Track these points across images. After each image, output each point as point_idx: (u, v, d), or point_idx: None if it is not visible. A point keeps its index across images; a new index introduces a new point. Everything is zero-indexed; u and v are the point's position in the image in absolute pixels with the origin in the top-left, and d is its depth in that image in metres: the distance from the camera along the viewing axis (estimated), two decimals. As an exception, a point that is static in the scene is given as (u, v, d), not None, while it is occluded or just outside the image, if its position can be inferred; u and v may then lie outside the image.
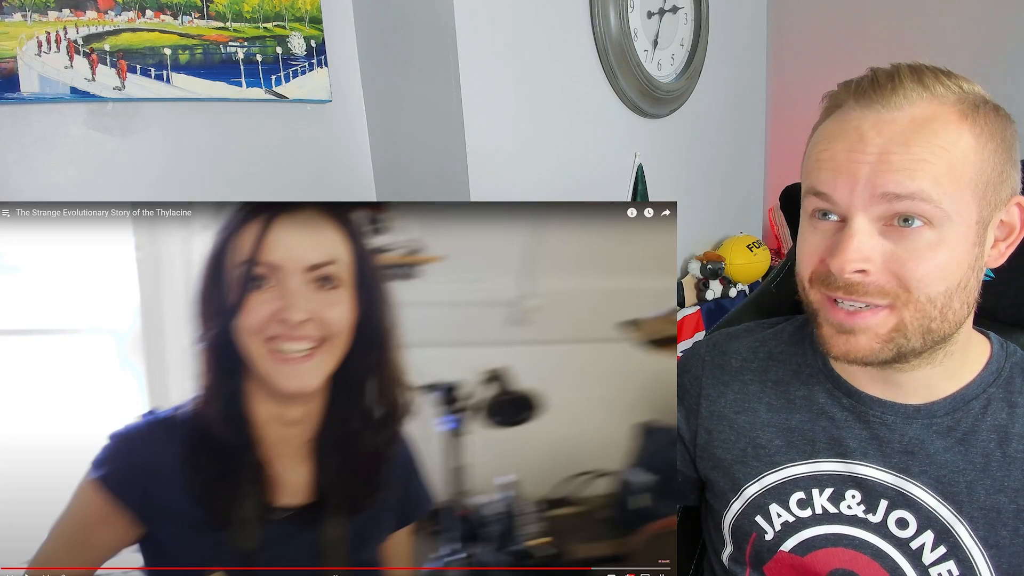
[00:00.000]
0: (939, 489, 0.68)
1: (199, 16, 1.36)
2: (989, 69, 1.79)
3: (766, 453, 0.76)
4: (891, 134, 0.60)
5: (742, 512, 0.76)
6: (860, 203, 0.61)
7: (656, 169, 1.91)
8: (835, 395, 0.74)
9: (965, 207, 0.61)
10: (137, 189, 1.35)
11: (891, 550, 0.69)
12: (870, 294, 0.63)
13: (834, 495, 0.72)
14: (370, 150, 1.70)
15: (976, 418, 0.69)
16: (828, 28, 2.12)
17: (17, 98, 1.19)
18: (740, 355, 0.81)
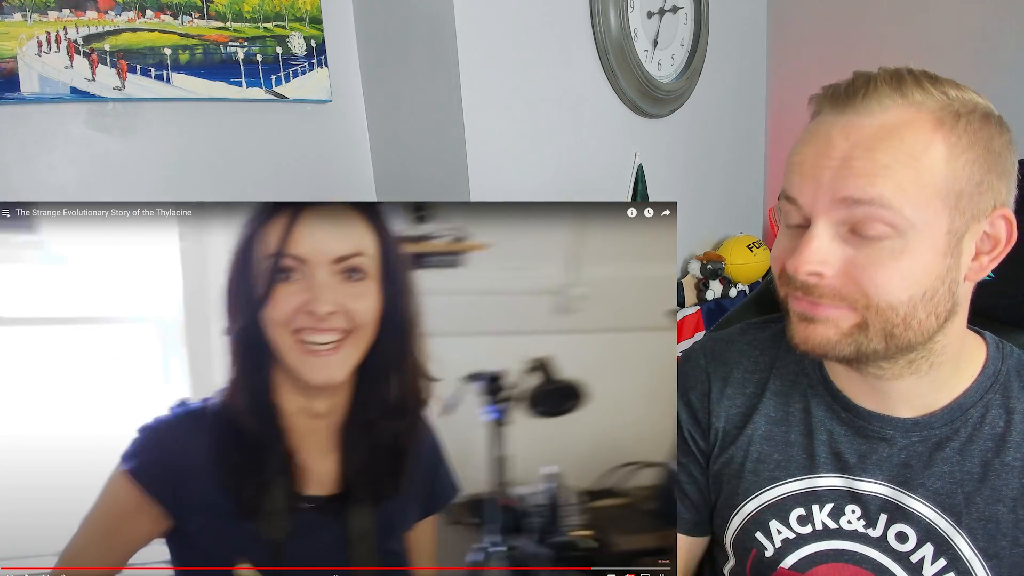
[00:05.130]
0: (937, 501, 0.68)
1: (199, 16, 1.36)
2: (988, 69, 1.79)
3: (765, 468, 0.75)
4: (857, 139, 0.60)
5: (742, 528, 0.76)
6: (822, 208, 0.62)
7: (656, 169, 1.91)
8: (833, 408, 0.73)
9: (933, 216, 0.60)
10: (137, 189, 1.35)
11: (892, 564, 0.69)
12: (825, 296, 0.63)
13: (834, 510, 0.71)
14: (370, 150, 1.69)
15: (974, 427, 0.68)
16: (828, 28, 2.12)
17: (17, 98, 1.19)
18: (742, 366, 0.80)
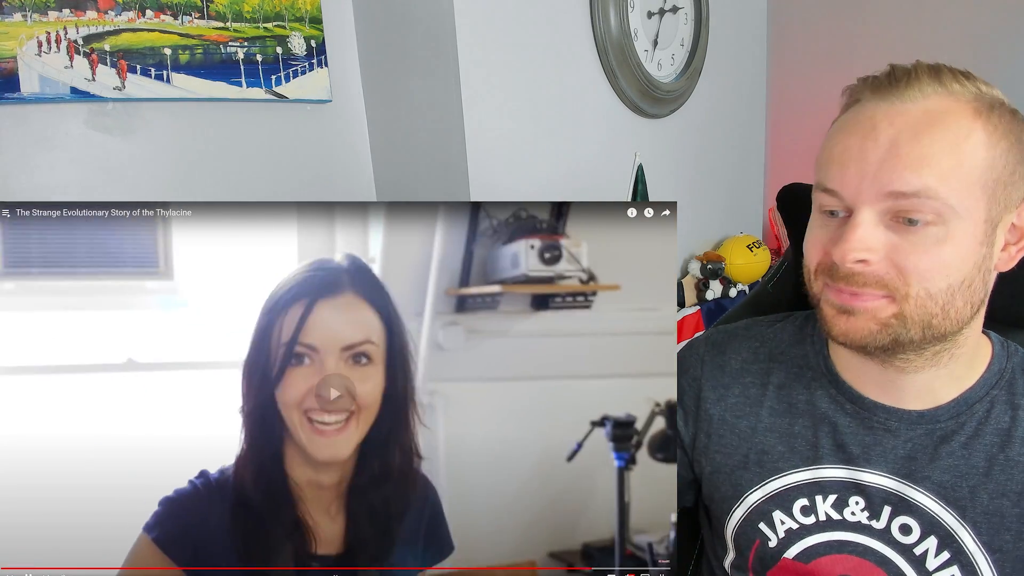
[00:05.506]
0: (942, 494, 0.68)
1: (199, 16, 1.36)
2: (989, 69, 1.79)
3: (769, 459, 0.75)
4: (903, 124, 0.61)
5: (745, 519, 0.76)
6: (867, 198, 0.62)
7: (656, 169, 1.91)
8: (838, 400, 0.73)
9: (973, 203, 0.61)
10: (137, 189, 1.34)
11: (895, 556, 0.69)
12: (869, 284, 0.63)
13: (838, 501, 0.72)
14: (370, 150, 1.69)
15: (979, 422, 0.69)
16: (828, 28, 2.12)
17: (17, 98, 1.19)
18: (740, 356, 0.80)
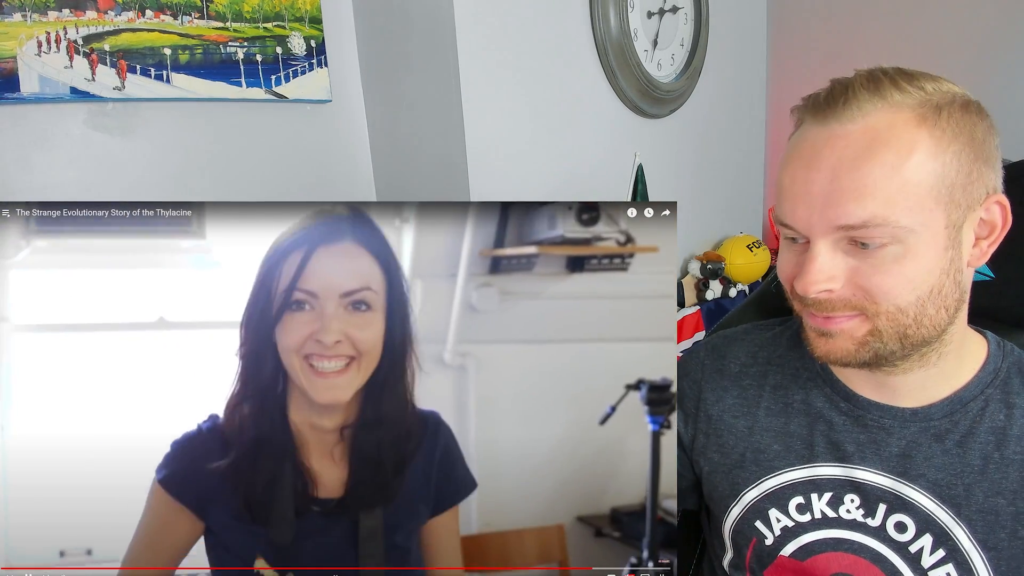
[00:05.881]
0: (937, 492, 0.68)
1: (199, 16, 1.36)
2: (988, 69, 1.79)
3: (765, 458, 0.76)
4: (843, 150, 0.61)
5: (742, 517, 0.76)
6: (818, 231, 0.63)
7: (656, 169, 1.91)
8: (833, 399, 0.74)
9: (928, 216, 0.60)
10: (137, 189, 1.35)
11: (890, 554, 0.70)
12: (838, 308, 0.65)
13: (833, 499, 0.72)
14: (370, 150, 1.70)
15: (974, 420, 0.69)
16: (828, 28, 2.12)
17: (17, 98, 1.19)
18: (739, 359, 0.81)
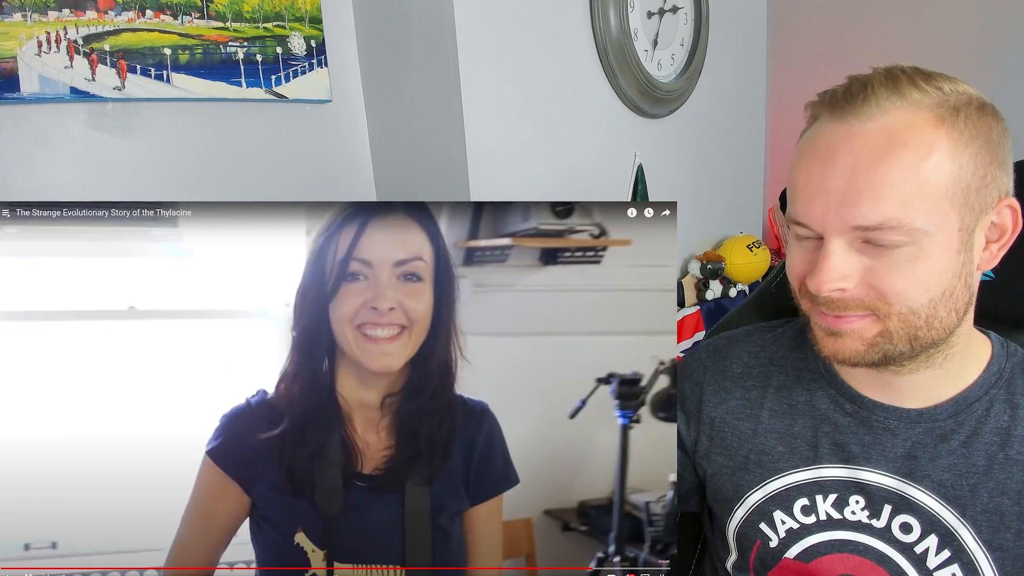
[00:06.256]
0: (942, 493, 0.68)
1: (199, 16, 1.36)
2: (988, 69, 1.79)
3: (769, 460, 0.75)
4: (861, 149, 0.60)
5: (746, 519, 0.76)
6: (833, 230, 0.62)
7: (656, 169, 1.91)
8: (838, 400, 0.74)
9: (943, 218, 0.60)
10: (137, 189, 1.34)
11: (896, 555, 0.69)
12: (850, 308, 0.64)
13: (838, 501, 0.72)
14: (370, 150, 1.69)
15: (978, 421, 0.69)
16: (828, 28, 2.12)
17: (17, 98, 1.19)
18: (742, 360, 0.81)
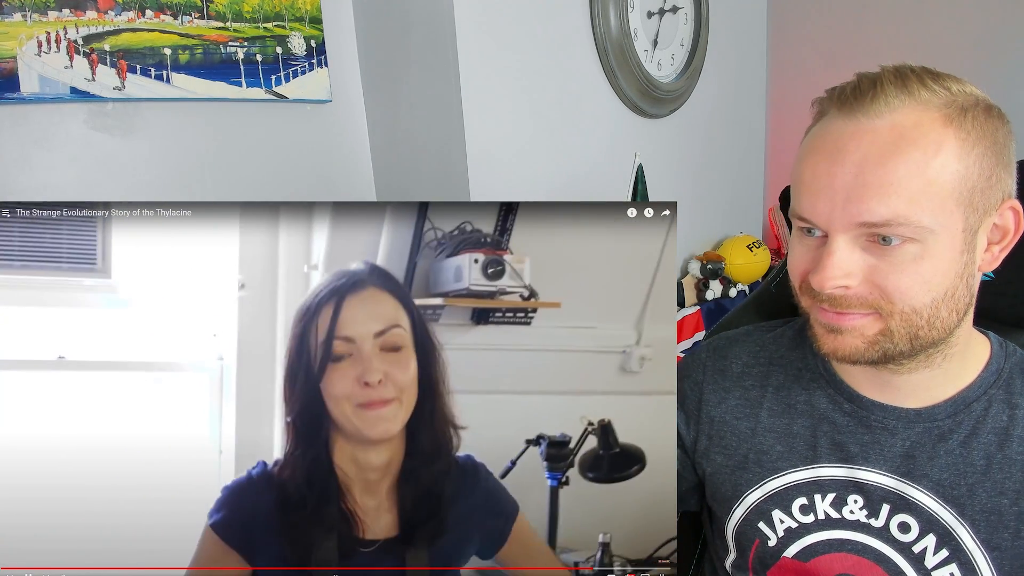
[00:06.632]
0: (940, 492, 0.68)
1: (199, 16, 1.36)
2: (989, 69, 1.79)
3: (768, 459, 0.76)
4: (869, 146, 0.60)
5: (745, 519, 0.76)
6: (839, 226, 0.62)
7: (656, 169, 1.91)
8: (836, 400, 0.74)
9: (948, 218, 0.60)
10: (137, 189, 1.35)
11: (894, 554, 0.70)
12: (852, 306, 0.64)
13: (836, 500, 0.72)
14: (370, 150, 1.70)
15: (977, 420, 0.69)
16: (828, 28, 2.12)
17: (17, 98, 1.19)
18: (741, 360, 0.81)
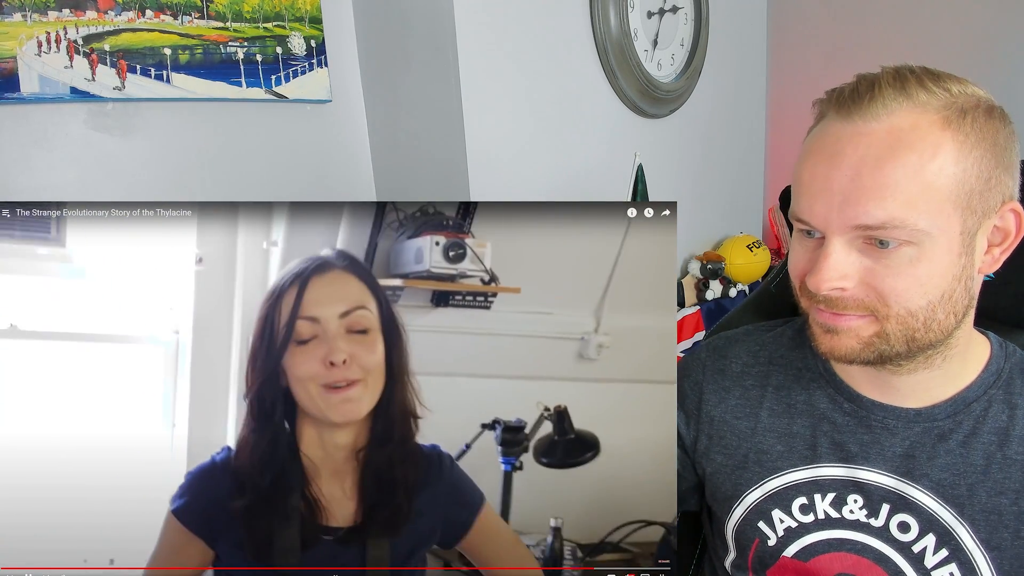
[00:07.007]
0: (940, 492, 0.68)
1: (199, 16, 1.36)
2: (989, 68, 1.79)
3: (768, 459, 0.76)
4: (866, 149, 0.60)
5: (744, 518, 0.76)
6: (836, 228, 0.62)
7: (656, 169, 1.91)
8: (836, 399, 0.74)
9: (945, 221, 0.60)
10: (137, 189, 1.35)
11: (893, 554, 0.70)
12: (848, 307, 0.64)
13: (836, 500, 0.72)
14: (370, 150, 1.70)
15: (977, 420, 0.69)
16: (828, 28, 2.12)
17: (17, 98, 1.19)
18: (741, 360, 0.81)
